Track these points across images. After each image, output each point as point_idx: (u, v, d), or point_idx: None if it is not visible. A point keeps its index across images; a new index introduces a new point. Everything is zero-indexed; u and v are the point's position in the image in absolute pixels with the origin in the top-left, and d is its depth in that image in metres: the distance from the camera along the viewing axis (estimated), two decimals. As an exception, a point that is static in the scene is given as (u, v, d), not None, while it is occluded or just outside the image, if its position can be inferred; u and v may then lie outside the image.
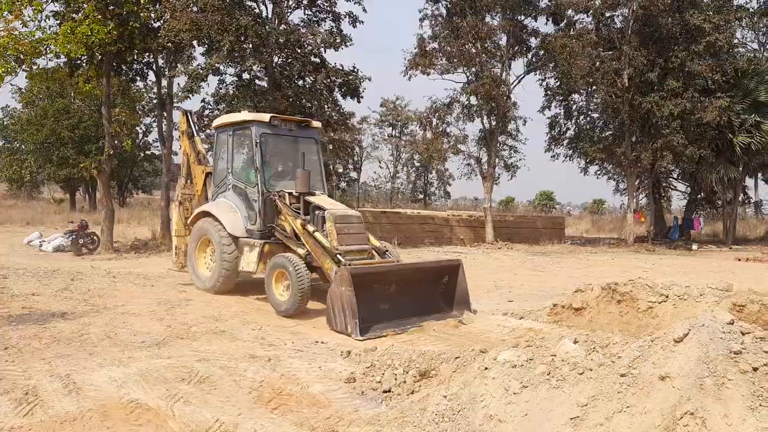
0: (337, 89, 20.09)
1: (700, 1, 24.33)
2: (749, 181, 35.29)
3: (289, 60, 19.60)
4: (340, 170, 42.22)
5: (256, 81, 19.78)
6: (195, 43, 18.15)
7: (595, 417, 3.44)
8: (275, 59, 19.31)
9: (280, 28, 18.66)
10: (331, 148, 24.18)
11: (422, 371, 5.34)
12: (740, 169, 27.43)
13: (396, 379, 5.28)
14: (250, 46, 17.98)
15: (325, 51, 19.59)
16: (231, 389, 5.09)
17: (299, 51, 19.16)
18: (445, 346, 6.51)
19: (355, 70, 20.05)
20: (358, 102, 20.43)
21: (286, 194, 9.32)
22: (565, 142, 29.04)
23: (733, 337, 3.44)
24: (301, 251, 8.59)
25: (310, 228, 8.56)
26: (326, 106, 20.19)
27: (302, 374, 5.49)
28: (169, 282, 11.24)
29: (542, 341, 4.59)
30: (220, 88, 19.86)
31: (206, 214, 10.06)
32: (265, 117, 9.61)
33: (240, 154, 10.32)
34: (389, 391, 5.12)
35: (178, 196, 11.28)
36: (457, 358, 5.45)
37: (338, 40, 19.31)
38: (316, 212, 8.88)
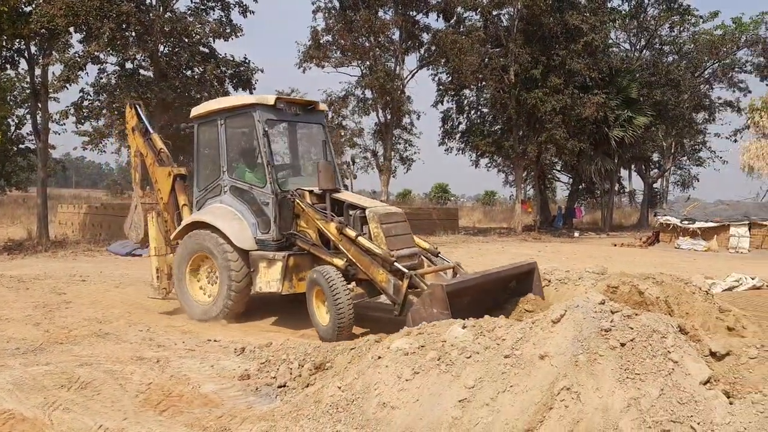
0: (228, 80, 19.60)
1: (578, 2, 25.84)
2: (624, 173, 38.15)
3: (176, 49, 18.88)
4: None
5: (141, 70, 18.89)
6: (72, 29, 16.98)
7: (481, 398, 3.58)
8: (161, 48, 18.52)
9: (166, 15, 17.91)
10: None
11: (318, 364, 5.33)
12: (616, 161, 29.53)
13: (291, 374, 5.23)
14: (133, 34, 17.13)
15: (213, 41, 19.06)
16: (116, 394, 4.84)
17: (186, 40, 18.50)
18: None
19: (247, 61, 19.66)
20: (250, 93, 20.04)
21: (306, 193, 7.62)
22: (458, 135, 29.97)
23: (603, 316, 3.69)
24: (338, 262, 7.00)
25: (351, 232, 6.94)
26: (217, 97, 19.64)
27: (193, 374, 5.31)
28: (46, 284, 10.53)
29: (434, 328, 4.70)
30: (101, 78, 18.79)
31: (199, 224, 8.04)
32: (270, 99, 7.75)
33: (238, 146, 8.50)
34: (284, 385, 5.07)
35: (137, 205, 9.17)
36: (352, 349, 5.48)
37: (228, 30, 18.87)
38: (351, 212, 7.28)
